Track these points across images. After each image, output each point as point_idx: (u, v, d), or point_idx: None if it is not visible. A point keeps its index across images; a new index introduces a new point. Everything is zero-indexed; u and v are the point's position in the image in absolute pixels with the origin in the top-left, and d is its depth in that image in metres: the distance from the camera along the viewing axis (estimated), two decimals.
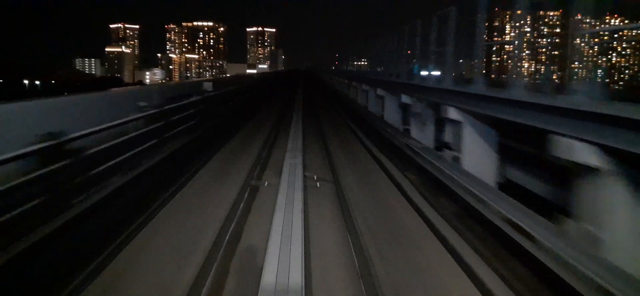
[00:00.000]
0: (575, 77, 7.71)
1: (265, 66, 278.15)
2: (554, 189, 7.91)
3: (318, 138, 15.66)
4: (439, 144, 12.22)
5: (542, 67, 10.05)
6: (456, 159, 10.51)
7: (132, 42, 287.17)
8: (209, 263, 5.41)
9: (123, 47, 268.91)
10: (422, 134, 13.10)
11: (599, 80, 6.97)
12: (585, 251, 5.05)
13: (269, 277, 4.44)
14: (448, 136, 11.24)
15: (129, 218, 6.50)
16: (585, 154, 5.90)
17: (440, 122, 11.94)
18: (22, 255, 4.12)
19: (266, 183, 9.18)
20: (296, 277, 4.43)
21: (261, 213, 7.34)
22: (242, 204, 7.78)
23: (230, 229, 6.56)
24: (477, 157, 10.12)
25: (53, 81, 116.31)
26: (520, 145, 9.51)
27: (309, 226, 6.76)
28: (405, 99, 14.84)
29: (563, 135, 6.29)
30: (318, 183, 9.32)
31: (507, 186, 9.45)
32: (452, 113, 10.59)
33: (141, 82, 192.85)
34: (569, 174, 6.48)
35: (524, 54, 9.20)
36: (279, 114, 22.87)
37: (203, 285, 4.86)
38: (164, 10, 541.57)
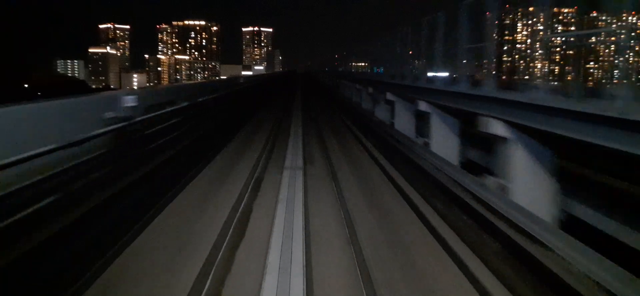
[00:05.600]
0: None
1: (261, 68, 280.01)
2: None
3: None
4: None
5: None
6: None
7: (123, 43, 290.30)
8: None
9: (108, 47, 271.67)
10: None
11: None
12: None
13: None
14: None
15: None
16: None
17: None
18: None
19: None
20: None
21: None
22: None
23: None
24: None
25: (26, 85, 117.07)
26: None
27: None
28: None
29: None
30: None
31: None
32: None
33: (109, 88, 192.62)
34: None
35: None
36: None
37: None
38: (157, 9, 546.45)
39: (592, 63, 8.05)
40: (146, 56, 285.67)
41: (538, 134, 7.61)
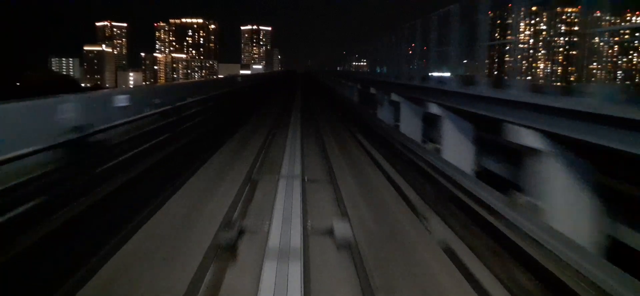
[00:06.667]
0: None
1: (260, 67, 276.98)
2: None
3: None
4: None
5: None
6: None
7: (120, 41, 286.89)
8: None
9: (103, 45, 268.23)
10: None
11: None
12: None
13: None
14: None
15: None
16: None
17: None
18: None
19: None
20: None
21: None
22: None
23: None
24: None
25: (18, 84, 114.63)
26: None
27: None
28: None
29: None
30: None
31: None
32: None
33: (102, 87, 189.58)
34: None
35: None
36: None
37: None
38: (157, 7, 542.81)
39: None
40: (142, 54, 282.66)
41: None
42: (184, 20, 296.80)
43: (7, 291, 4.91)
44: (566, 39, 8.14)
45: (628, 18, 7.29)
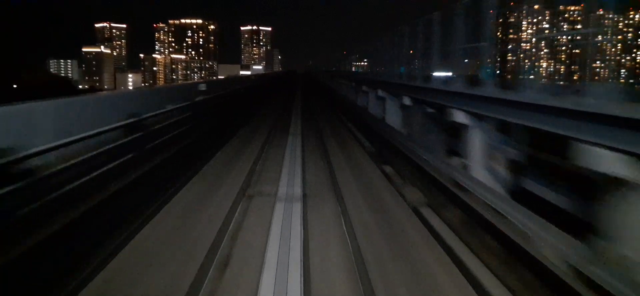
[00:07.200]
0: None
1: (260, 67, 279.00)
2: None
3: None
4: None
5: None
6: None
7: (119, 43, 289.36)
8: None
9: (102, 47, 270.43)
10: None
11: None
12: None
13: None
14: None
15: None
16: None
17: None
18: None
19: None
20: None
21: None
22: None
23: None
24: None
25: (15, 86, 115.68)
26: None
27: None
28: None
29: None
30: None
31: None
32: None
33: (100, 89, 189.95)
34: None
35: None
36: None
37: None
38: (157, 8, 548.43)
39: None
40: (141, 55, 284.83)
41: None
42: (183, 20, 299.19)
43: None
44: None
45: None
